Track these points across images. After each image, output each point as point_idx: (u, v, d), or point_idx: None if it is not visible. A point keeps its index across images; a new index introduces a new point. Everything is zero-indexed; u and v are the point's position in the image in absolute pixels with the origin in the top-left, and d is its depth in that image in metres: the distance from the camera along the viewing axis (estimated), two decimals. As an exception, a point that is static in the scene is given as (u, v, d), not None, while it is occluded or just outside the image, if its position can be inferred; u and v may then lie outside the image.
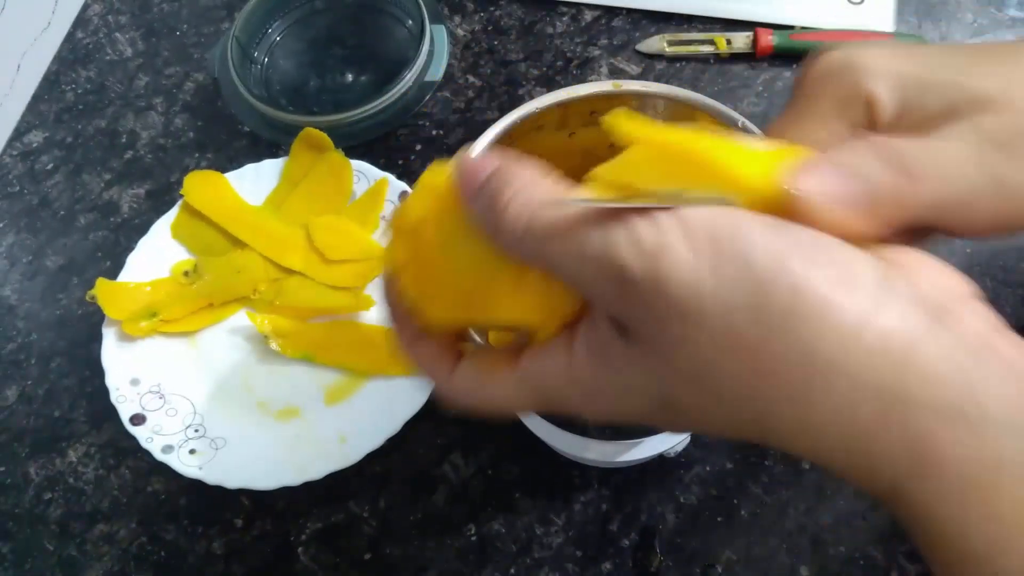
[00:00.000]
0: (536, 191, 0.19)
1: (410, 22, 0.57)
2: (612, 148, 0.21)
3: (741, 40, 0.54)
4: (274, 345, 0.46)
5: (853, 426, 0.16)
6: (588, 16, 0.57)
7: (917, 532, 0.17)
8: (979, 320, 0.18)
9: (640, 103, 0.35)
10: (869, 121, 0.21)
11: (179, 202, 0.50)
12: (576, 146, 0.37)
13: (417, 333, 0.23)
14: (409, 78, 0.53)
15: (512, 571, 0.41)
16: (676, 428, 0.21)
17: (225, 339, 0.48)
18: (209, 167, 0.54)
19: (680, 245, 0.16)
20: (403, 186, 0.50)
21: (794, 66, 0.54)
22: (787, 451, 0.18)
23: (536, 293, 0.20)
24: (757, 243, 0.16)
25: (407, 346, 0.24)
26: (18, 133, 0.58)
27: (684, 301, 0.16)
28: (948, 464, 0.16)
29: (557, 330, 0.21)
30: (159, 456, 0.43)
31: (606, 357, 0.19)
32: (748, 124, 0.33)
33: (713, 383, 0.17)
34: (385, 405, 0.44)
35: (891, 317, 0.16)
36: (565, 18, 0.58)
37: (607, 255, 0.17)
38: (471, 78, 0.56)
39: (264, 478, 0.42)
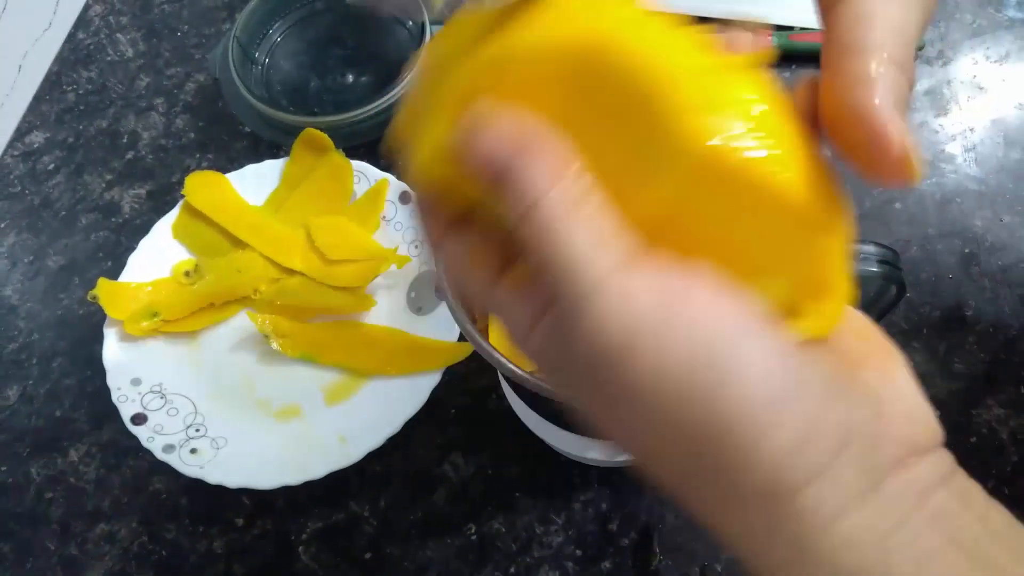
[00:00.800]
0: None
1: (410, 23, 0.57)
2: None
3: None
4: (275, 345, 0.46)
5: (767, 562, 0.17)
6: (588, 17, 0.57)
7: None
8: (929, 473, 0.17)
9: None
10: None
11: (180, 202, 0.51)
12: None
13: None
14: (409, 79, 0.53)
15: (512, 570, 0.41)
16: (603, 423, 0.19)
17: (226, 339, 0.48)
18: (210, 167, 0.54)
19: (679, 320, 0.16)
20: (403, 186, 0.50)
21: (793, 67, 0.54)
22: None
23: None
24: (738, 363, 0.16)
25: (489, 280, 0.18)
26: (19, 133, 0.58)
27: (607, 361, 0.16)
28: None
29: None
30: (160, 455, 0.43)
31: (563, 350, 0.18)
32: None
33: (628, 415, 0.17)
34: (385, 405, 0.44)
35: (835, 480, 0.16)
36: (565, 19, 0.58)
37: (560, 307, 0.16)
38: (471, 79, 0.56)
39: (265, 477, 0.42)
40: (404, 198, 0.50)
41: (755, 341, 0.16)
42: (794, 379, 0.16)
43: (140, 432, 0.44)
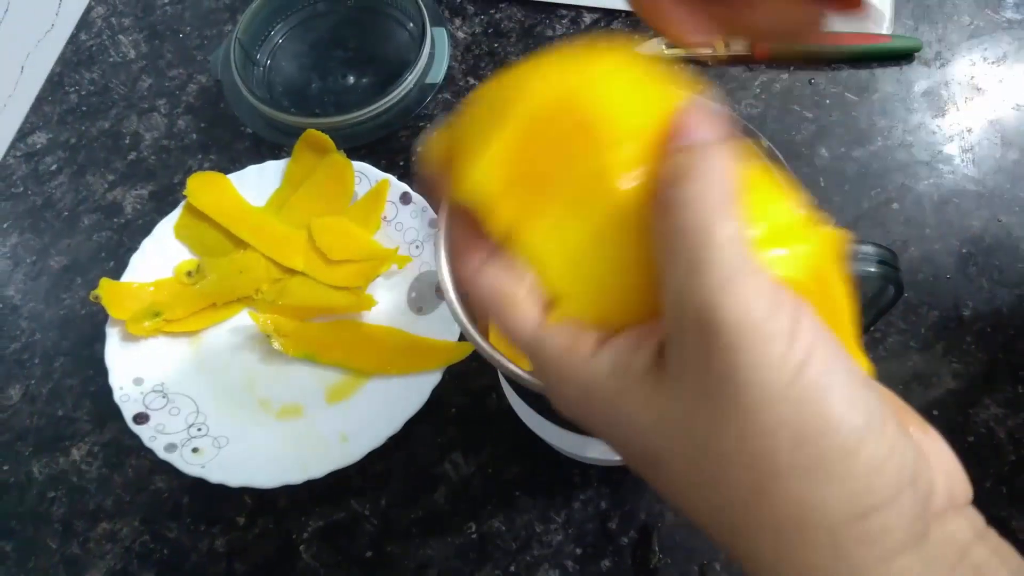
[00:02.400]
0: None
1: (411, 25, 0.58)
2: None
3: (739, 43, 0.54)
4: (276, 345, 0.46)
5: None
6: (587, 19, 0.58)
7: None
8: (965, 528, 0.18)
9: None
10: None
11: (182, 203, 0.51)
12: None
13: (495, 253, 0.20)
14: (410, 80, 0.54)
15: (512, 569, 0.41)
16: (638, 469, 0.20)
17: (228, 339, 0.48)
18: (212, 168, 0.54)
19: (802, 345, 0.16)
20: (404, 187, 0.50)
21: (791, 68, 0.54)
22: (736, 557, 0.18)
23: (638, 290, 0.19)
24: (835, 393, 0.16)
25: (485, 269, 0.20)
26: (22, 134, 0.58)
27: (767, 386, 0.16)
28: None
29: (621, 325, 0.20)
30: (162, 455, 0.43)
31: (627, 379, 0.18)
32: (747, 124, 0.33)
33: (724, 466, 0.17)
34: (386, 404, 0.44)
35: (897, 515, 0.16)
36: (565, 21, 0.58)
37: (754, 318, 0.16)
38: (472, 80, 0.56)
39: (266, 476, 0.43)
40: (405, 199, 0.50)
41: (842, 365, 0.17)
42: (877, 407, 0.17)
43: (142, 431, 0.44)
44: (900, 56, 0.54)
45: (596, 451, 0.40)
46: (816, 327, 0.17)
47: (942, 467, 0.19)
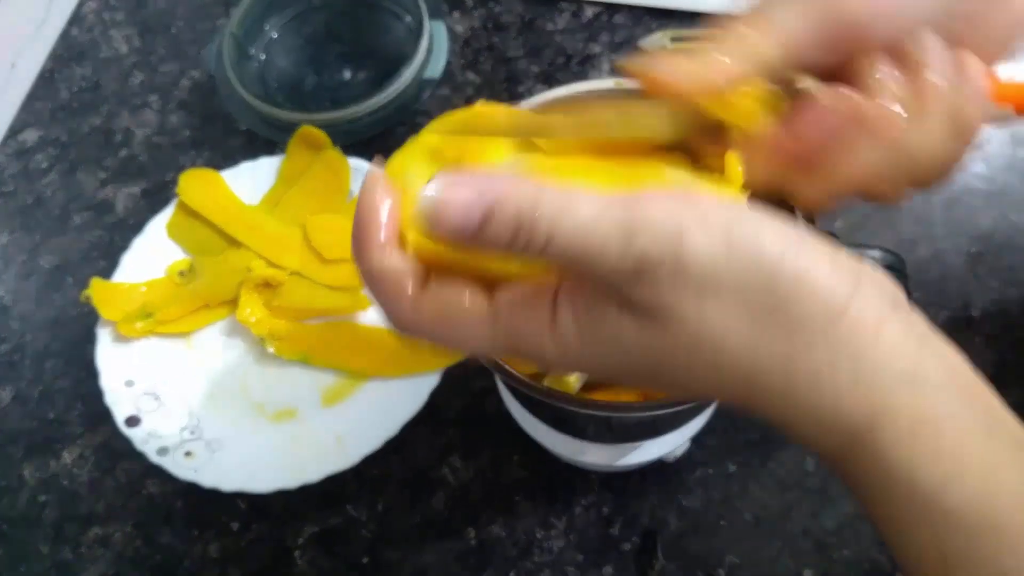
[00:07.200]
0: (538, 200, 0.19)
1: (409, 18, 0.57)
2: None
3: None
4: (270, 348, 0.45)
5: (830, 383, 0.19)
6: (589, 13, 0.57)
7: (867, 484, 0.20)
8: (919, 317, 0.21)
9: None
10: None
11: (174, 201, 0.50)
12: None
13: (385, 241, 0.20)
14: (408, 75, 0.53)
15: (512, 575, 0.41)
16: (657, 388, 0.23)
17: (221, 340, 0.47)
18: (205, 165, 0.53)
19: (698, 230, 0.18)
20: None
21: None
22: (763, 414, 0.20)
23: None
24: (766, 235, 0.19)
25: (367, 252, 0.20)
26: (13, 131, 0.57)
27: (702, 280, 0.19)
28: (901, 414, 0.19)
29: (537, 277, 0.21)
30: (154, 458, 0.43)
31: (596, 322, 0.20)
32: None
33: (713, 353, 0.19)
34: (383, 407, 0.43)
35: (866, 301, 0.19)
36: (566, 14, 0.57)
37: (630, 244, 0.18)
38: (470, 75, 0.55)
39: (260, 481, 0.42)
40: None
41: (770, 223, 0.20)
42: (807, 239, 0.20)
43: (134, 434, 0.43)
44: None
45: (592, 456, 0.39)
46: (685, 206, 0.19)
47: (882, 279, 0.21)
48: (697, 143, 0.24)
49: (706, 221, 0.19)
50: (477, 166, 0.23)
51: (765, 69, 0.23)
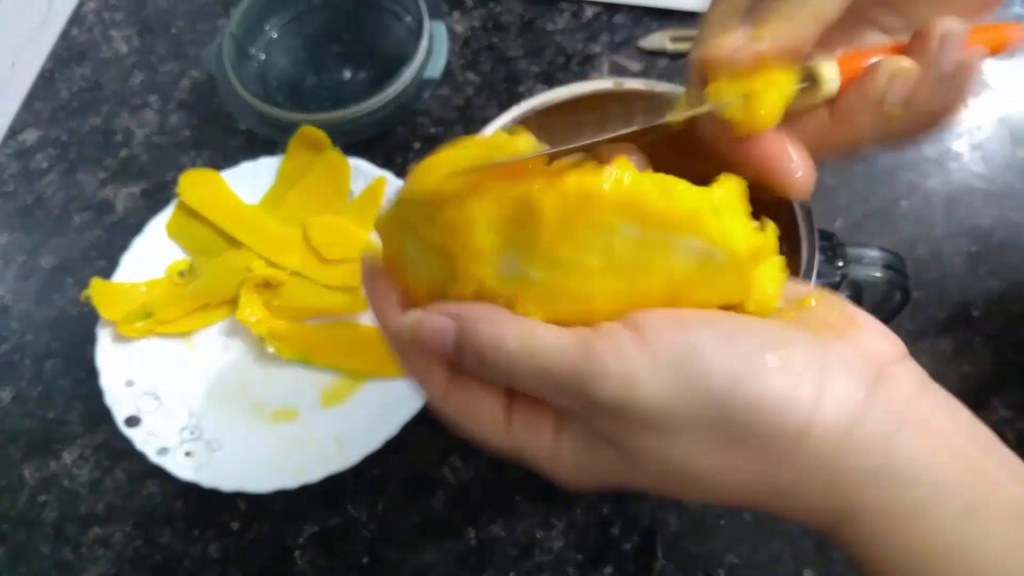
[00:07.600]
0: (504, 329, 0.20)
1: (409, 18, 0.57)
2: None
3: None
4: (270, 348, 0.45)
5: (806, 492, 0.20)
6: (589, 12, 0.57)
7: (857, 562, 0.21)
8: (909, 381, 0.21)
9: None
10: None
11: (174, 201, 0.50)
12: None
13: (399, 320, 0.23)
14: (408, 75, 0.53)
15: (512, 575, 0.41)
16: (652, 493, 0.24)
17: (221, 340, 0.47)
18: (205, 165, 0.53)
19: (647, 374, 0.19)
20: (401, 184, 0.49)
21: (797, 63, 0.53)
22: (750, 509, 0.22)
23: None
24: (715, 366, 0.19)
25: (403, 339, 0.22)
26: (13, 132, 0.57)
27: (658, 422, 0.20)
28: (871, 512, 0.20)
29: None
30: (154, 458, 0.43)
31: (591, 448, 0.22)
32: None
33: (682, 478, 0.21)
34: (383, 407, 0.43)
35: (833, 406, 0.20)
36: (566, 14, 0.57)
37: (581, 389, 0.20)
38: (470, 75, 0.55)
39: (260, 481, 0.42)
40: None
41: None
42: (764, 355, 0.20)
43: (134, 435, 0.43)
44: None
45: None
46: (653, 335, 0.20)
47: (871, 330, 0.22)
48: (711, 133, 0.24)
49: (656, 364, 0.19)
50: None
51: (825, 31, 0.23)
